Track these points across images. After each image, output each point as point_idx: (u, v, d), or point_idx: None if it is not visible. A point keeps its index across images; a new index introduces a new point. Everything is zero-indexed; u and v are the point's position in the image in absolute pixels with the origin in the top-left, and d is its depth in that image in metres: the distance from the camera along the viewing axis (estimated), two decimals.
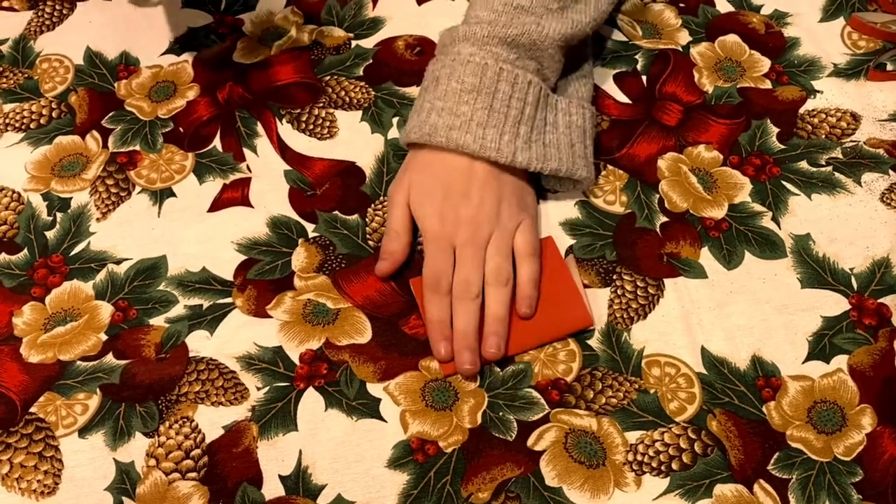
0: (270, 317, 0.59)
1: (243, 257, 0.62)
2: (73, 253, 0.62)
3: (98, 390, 0.56)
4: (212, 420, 0.55)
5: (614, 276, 0.61)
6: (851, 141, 0.68)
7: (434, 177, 0.61)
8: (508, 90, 0.60)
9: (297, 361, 0.57)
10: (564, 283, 0.59)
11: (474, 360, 0.56)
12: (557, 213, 0.64)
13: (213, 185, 0.66)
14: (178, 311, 0.60)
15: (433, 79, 0.62)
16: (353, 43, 0.74)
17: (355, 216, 0.64)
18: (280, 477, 0.53)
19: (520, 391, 0.56)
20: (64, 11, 0.77)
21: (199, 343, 0.58)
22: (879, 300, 0.59)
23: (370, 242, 0.63)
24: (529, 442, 0.54)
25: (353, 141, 0.68)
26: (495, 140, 0.59)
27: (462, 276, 0.58)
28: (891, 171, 0.66)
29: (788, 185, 0.65)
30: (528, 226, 0.61)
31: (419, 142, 0.61)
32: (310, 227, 0.64)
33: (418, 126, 0.61)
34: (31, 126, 0.69)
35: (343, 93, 0.71)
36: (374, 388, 0.56)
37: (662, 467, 0.53)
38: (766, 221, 0.63)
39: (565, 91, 0.67)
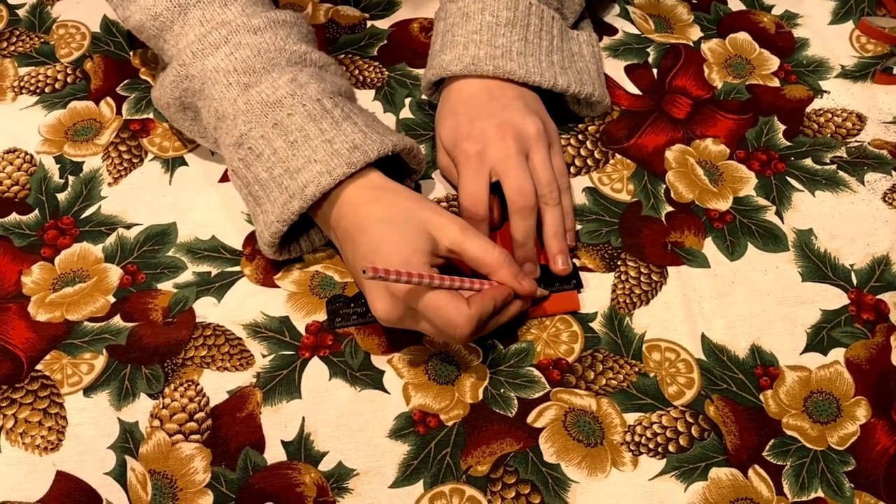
0: (278, 287, 0.60)
1: (253, 227, 0.62)
2: (83, 216, 0.63)
3: (104, 351, 0.57)
4: (217, 384, 0.56)
5: (619, 262, 0.61)
6: (856, 141, 0.69)
7: (468, 105, 0.62)
8: (538, 23, 0.63)
9: (303, 332, 0.58)
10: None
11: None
12: None
13: None
14: (186, 277, 0.60)
15: (461, 15, 0.63)
16: (369, 23, 0.75)
17: None
18: (283, 442, 0.54)
19: (521, 369, 0.57)
20: None
21: (206, 309, 0.59)
22: (878, 296, 0.60)
23: None
24: (529, 419, 0.55)
25: None
26: (537, 66, 0.62)
27: (515, 186, 0.58)
28: (893, 172, 0.67)
29: (793, 182, 0.66)
30: (558, 151, 0.62)
31: (462, 73, 0.62)
32: None
33: (457, 59, 0.62)
34: (46, 90, 0.70)
35: (357, 72, 0.72)
36: (379, 361, 0.57)
37: (659, 449, 0.54)
38: (770, 215, 0.64)
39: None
